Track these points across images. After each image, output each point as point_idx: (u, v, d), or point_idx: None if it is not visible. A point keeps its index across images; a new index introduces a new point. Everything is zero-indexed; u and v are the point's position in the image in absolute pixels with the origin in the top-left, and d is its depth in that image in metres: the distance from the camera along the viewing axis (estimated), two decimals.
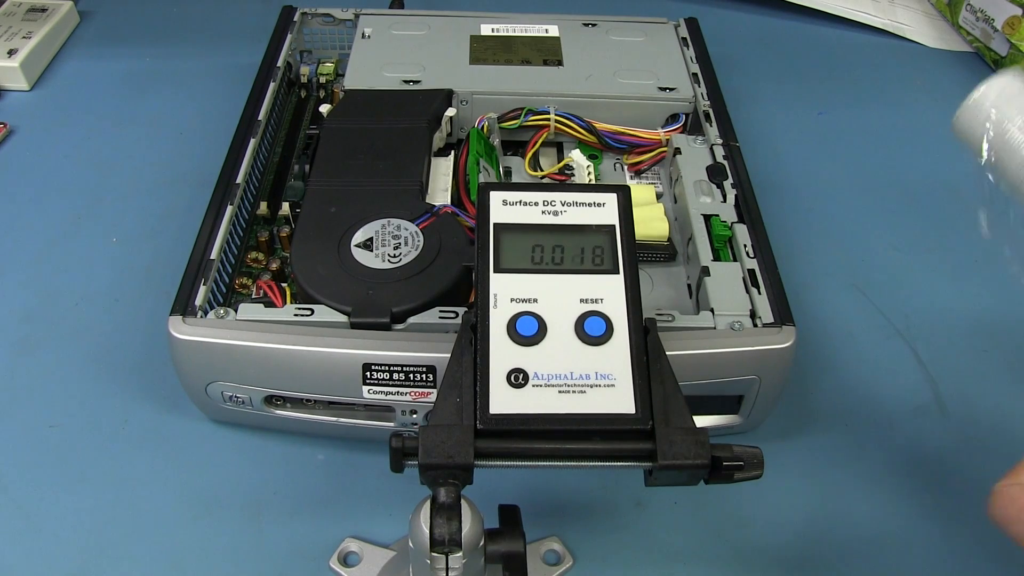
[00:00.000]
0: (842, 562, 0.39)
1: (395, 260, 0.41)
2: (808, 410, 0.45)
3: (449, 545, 0.28)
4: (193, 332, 0.38)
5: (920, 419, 0.44)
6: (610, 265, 0.34)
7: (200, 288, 0.40)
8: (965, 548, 0.39)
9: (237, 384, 0.39)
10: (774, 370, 0.39)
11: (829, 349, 0.48)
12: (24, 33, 0.66)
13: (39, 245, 0.52)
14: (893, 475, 0.42)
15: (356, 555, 0.38)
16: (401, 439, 0.29)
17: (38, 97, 0.64)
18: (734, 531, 0.39)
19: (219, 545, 0.38)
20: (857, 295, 0.51)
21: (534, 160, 0.52)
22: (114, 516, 0.39)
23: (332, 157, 0.47)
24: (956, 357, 0.48)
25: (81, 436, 0.42)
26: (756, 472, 0.30)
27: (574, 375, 0.31)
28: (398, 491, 0.39)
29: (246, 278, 0.43)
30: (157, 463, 0.41)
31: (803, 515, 0.40)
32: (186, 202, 0.54)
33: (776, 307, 0.40)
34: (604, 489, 0.41)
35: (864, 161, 0.61)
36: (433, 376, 0.37)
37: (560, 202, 0.35)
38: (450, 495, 0.29)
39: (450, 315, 0.38)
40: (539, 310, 0.32)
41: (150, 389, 0.44)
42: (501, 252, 0.34)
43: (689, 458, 0.29)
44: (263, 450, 0.42)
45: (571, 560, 0.38)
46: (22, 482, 0.40)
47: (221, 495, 0.40)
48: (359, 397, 0.38)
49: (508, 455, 0.30)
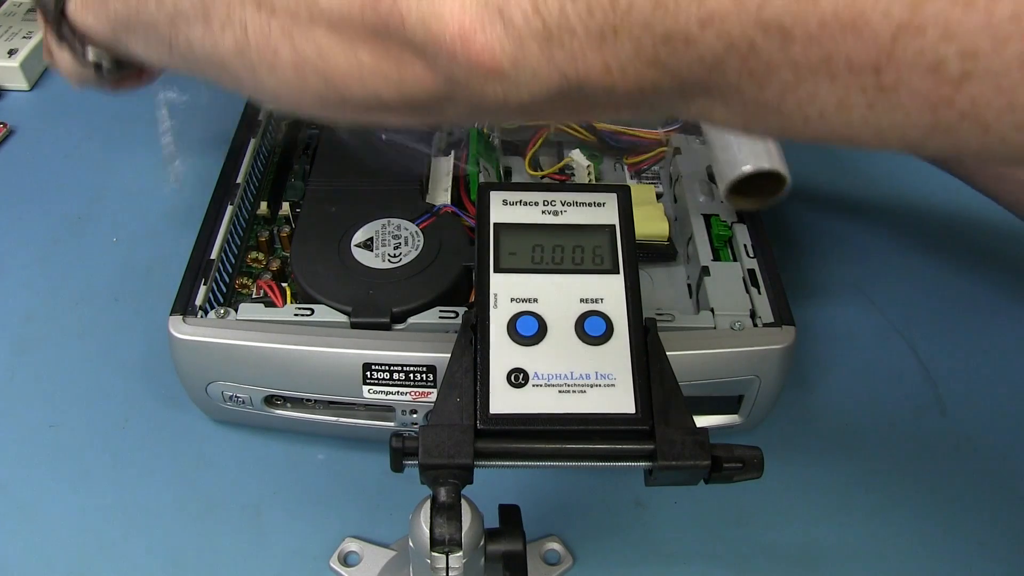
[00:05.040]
0: (842, 562, 0.39)
1: (395, 260, 0.41)
2: (808, 410, 0.45)
3: (449, 545, 0.28)
4: (193, 332, 0.38)
5: (920, 419, 0.44)
6: (610, 265, 0.34)
7: (200, 288, 0.40)
8: (965, 548, 0.39)
9: (237, 384, 0.39)
10: (774, 370, 0.39)
11: (829, 349, 0.48)
12: (24, 33, 0.66)
13: (39, 245, 0.52)
14: (893, 475, 0.42)
15: (356, 555, 0.38)
16: (401, 439, 0.29)
17: (38, 97, 0.64)
18: (734, 531, 0.39)
19: (219, 545, 0.38)
20: (857, 295, 0.51)
21: (534, 160, 0.52)
22: (114, 516, 0.39)
23: (332, 157, 0.47)
24: (956, 357, 0.48)
25: (81, 436, 0.42)
26: (756, 472, 0.30)
27: (574, 375, 0.31)
28: (398, 491, 0.40)
29: (246, 278, 0.43)
30: (157, 463, 0.41)
31: (803, 515, 0.40)
32: (186, 202, 0.54)
33: (776, 307, 0.40)
34: (604, 489, 0.41)
35: (864, 159, 0.61)
36: (433, 376, 0.37)
37: (560, 202, 0.35)
38: (450, 495, 0.29)
39: (450, 315, 0.38)
40: (539, 310, 0.32)
41: (150, 389, 0.44)
42: (501, 252, 0.34)
43: (689, 458, 0.29)
44: (263, 450, 0.42)
45: (571, 560, 0.38)
46: (22, 482, 0.40)
47: (221, 495, 0.40)
48: (359, 397, 0.38)
49: (508, 455, 0.30)
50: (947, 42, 0.17)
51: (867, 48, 0.18)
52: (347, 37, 0.24)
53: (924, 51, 0.17)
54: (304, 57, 0.25)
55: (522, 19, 0.20)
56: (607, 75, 0.21)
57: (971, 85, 0.17)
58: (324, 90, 0.25)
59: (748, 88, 0.20)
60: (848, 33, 0.18)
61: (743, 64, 0.19)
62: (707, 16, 0.19)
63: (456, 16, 0.21)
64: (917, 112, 0.18)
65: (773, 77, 0.19)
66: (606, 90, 0.21)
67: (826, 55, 0.18)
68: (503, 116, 0.24)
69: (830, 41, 0.18)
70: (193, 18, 0.27)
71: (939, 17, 0.17)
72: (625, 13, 0.19)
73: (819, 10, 0.18)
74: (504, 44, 0.21)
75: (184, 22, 0.28)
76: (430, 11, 0.21)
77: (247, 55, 0.26)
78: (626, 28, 0.19)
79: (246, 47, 0.26)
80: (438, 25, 0.21)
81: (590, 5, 0.20)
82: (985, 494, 0.41)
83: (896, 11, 0.17)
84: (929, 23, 0.17)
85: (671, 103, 0.22)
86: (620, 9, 0.19)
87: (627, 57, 0.20)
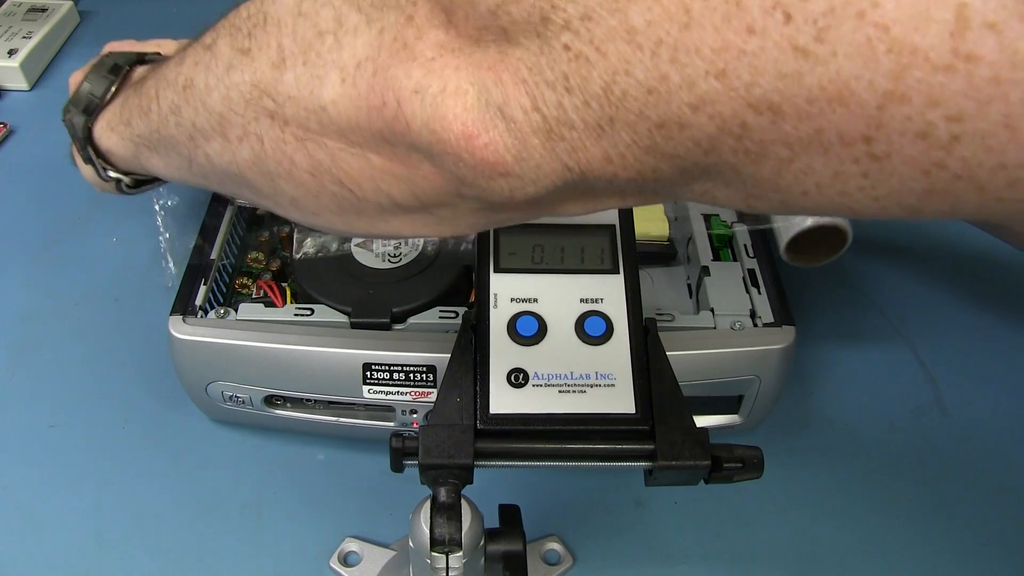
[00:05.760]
0: (842, 562, 0.39)
1: (395, 260, 0.41)
2: (808, 410, 0.45)
3: (449, 545, 0.28)
4: (193, 332, 0.38)
5: (920, 419, 0.44)
6: (610, 265, 0.34)
7: (200, 288, 0.40)
8: (965, 548, 0.39)
9: (237, 384, 0.39)
10: (774, 370, 0.39)
11: (829, 349, 0.48)
12: (24, 33, 0.66)
13: (39, 245, 0.52)
14: (893, 475, 0.42)
15: (356, 555, 0.38)
16: (401, 439, 0.29)
17: (38, 97, 0.64)
18: (734, 531, 0.39)
19: (219, 545, 0.38)
20: (858, 295, 0.51)
21: None
22: (114, 516, 0.39)
23: None
24: (956, 357, 0.48)
25: (81, 436, 0.42)
26: (756, 472, 0.30)
27: (574, 375, 0.31)
28: (398, 491, 0.39)
29: (246, 278, 0.43)
30: (157, 463, 0.41)
31: (803, 515, 0.40)
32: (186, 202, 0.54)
33: (776, 307, 0.40)
34: (604, 489, 0.41)
35: None
36: (433, 376, 0.37)
37: None
38: (450, 495, 0.29)
39: (450, 315, 0.38)
40: (539, 310, 0.32)
41: (150, 389, 0.44)
42: (501, 252, 0.34)
43: (689, 458, 0.29)
44: (263, 450, 0.42)
45: (571, 560, 0.38)
46: (22, 482, 0.40)
47: (221, 495, 0.40)
48: (359, 397, 0.38)
49: (508, 455, 0.30)
50: (933, 108, 0.17)
51: (856, 119, 0.18)
52: (356, 143, 0.24)
53: (912, 118, 0.17)
54: (318, 163, 0.26)
55: (522, 116, 0.21)
56: (608, 164, 0.21)
57: (961, 147, 0.18)
58: (340, 192, 0.26)
59: (745, 167, 0.20)
60: (836, 106, 0.18)
61: (738, 143, 0.20)
62: (698, 100, 0.19)
63: (459, 118, 0.21)
64: (911, 177, 0.19)
65: (768, 154, 0.20)
66: (608, 179, 0.22)
67: (817, 129, 0.19)
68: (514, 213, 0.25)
69: (819, 115, 0.18)
70: (210, 133, 0.28)
71: (922, 84, 0.17)
72: (619, 102, 0.20)
73: (806, 86, 0.18)
74: (507, 142, 0.21)
75: (202, 138, 0.29)
76: (433, 115, 0.22)
77: (264, 164, 0.27)
78: (621, 117, 0.20)
79: (263, 157, 0.27)
80: (442, 128, 0.22)
81: (586, 98, 0.20)
82: (985, 494, 0.41)
83: (880, 82, 0.17)
84: (913, 90, 0.17)
85: (674, 188, 0.23)
86: (614, 99, 0.20)
87: (625, 145, 0.21)
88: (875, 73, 0.17)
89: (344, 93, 0.24)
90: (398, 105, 0.22)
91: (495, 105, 0.21)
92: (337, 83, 0.24)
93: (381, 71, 0.23)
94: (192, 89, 0.29)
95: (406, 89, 0.22)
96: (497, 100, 0.21)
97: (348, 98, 0.24)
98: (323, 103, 0.24)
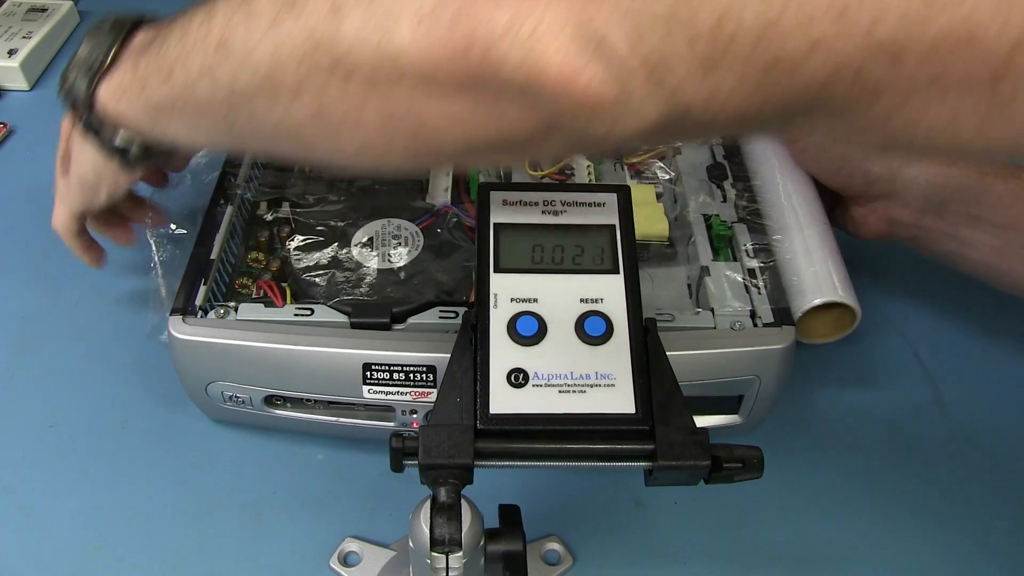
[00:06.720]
0: (842, 562, 0.39)
1: (395, 260, 0.41)
2: (808, 410, 0.45)
3: (449, 545, 0.28)
4: (193, 332, 0.38)
5: (920, 419, 0.44)
6: (610, 265, 0.34)
7: (200, 288, 0.40)
8: (965, 547, 0.39)
9: (237, 384, 0.39)
10: (774, 370, 0.39)
11: (829, 349, 0.47)
12: (24, 33, 0.66)
13: (39, 245, 0.52)
14: (893, 475, 0.42)
15: (356, 555, 0.38)
16: (401, 439, 0.29)
17: (38, 97, 0.64)
18: (734, 531, 0.39)
19: (219, 545, 0.38)
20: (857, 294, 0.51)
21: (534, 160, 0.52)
22: (114, 516, 0.39)
23: None
24: (956, 357, 0.48)
25: (81, 436, 0.42)
26: (756, 472, 0.30)
27: (574, 375, 0.31)
28: (398, 491, 0.39)
29: (246, 278, 0.43)
30: (157, 463, 0.41)
31: (803, 515, 0.40)
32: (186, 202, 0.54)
33: (776, 307, 0.40)
34: (604, 489, 0.41)
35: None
36: (433, 376, 0.37)
37: (560, 202, 0.35)
38: (450, 495, 0.29)
39: (450, 315, 0.38)
40: (539, 310, 0.32)
41: (150, 389, 0.44)
42: (501, 252, 0.34)
43: (689, 458, 0.29)
44: (263, 450, 0.42)
45: (571, 560, 0.38)
46: (22, 482, 0.40)
47: (221, 495, 0.40)
48: (359, 397, 0.38)
49: (508, 455, 0.30)
50: None
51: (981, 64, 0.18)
52: (435, 92, 0.23)
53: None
54: (389, 115, 0.24)
55: (623, 55, 0.20)
56: (710, 105, 0.21)
57: None
58: (414, 144, 0.25)
59: (855, 108, 0.20)
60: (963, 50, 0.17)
61: (850, 87, 0.19)
62: (812, 42, 0.18)
63: (556, 58, 0.20)
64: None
65: (882, 97, 0.19)
66: (710, 118, 0.21)
67: (937, 73, 0.18)
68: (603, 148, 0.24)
69: (942, 59, 0.18)
70: (256, 93, 0.27)
71: None
72: (727, 44, 0.19)
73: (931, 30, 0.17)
74: (608, 81, 0.20)
75: (243, 99, 0.27)
76: (527, 57, 0.21)
77: (326, 118, 0.26)
78: (728, 59, 0.19)
79: (324, 111, 0.25)
80: (538, 70, 0.21)
81: (690, 38, 0.19)
82: (985, 494, 0.41)
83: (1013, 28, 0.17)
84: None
85: (772, 125, 0.22)
86: (722, 41, 0.19)
87: (730, 87, 0.20)
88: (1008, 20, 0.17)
89: (420, 38, 0.22)
90: (486, 49, 0.21)
91: (595, 41, 0.20)
92: (411, 28, 0.22)
93: (463, 12, 0.21)
94: (228, 48, 0.27)
95: (494, 32, 0.21)
96: (597, 36, 0.20)
97: (425, 43, 0.22)
98: (395, 51, 0.22)
